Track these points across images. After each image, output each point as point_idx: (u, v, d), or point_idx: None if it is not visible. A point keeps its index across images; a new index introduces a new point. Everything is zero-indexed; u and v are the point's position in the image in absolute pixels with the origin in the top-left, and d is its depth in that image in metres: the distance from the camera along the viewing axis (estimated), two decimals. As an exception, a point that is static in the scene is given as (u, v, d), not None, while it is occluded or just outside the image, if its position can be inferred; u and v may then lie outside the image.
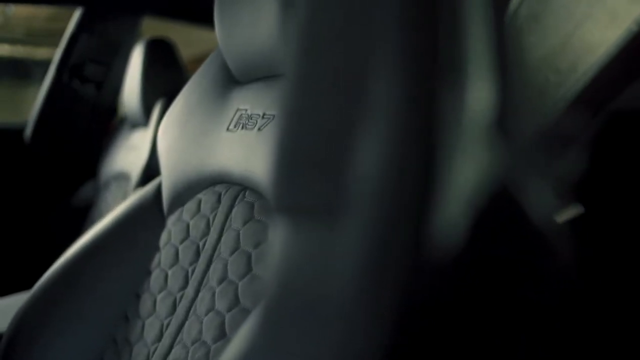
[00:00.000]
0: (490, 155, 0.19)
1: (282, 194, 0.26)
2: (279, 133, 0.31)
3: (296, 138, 0.25)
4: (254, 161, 0.52)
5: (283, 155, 0.28)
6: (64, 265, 0.62)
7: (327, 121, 0.24)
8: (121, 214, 0.67)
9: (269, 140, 0.51)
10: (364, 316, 0.20)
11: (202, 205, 0.59)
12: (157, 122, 1.19)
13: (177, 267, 0.58)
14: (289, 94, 0.31)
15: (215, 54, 0.69)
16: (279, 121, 0.40)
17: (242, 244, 0.49)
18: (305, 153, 0.24)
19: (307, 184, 0.23)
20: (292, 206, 0.25)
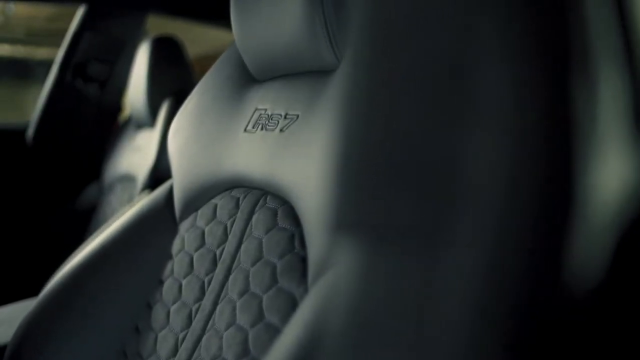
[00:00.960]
0: (633, 162, 0.15)
1: (349, 211, 0.22)
2: (338, 137, 0.28)
3: (367, 144, 0.21)
4: (277, 164, 0.49)
5: (346, 163, 0.24)
6: (71, 272, 0.59)
7: (414, 125, 0.20)
8: (130, 219, 0.63)
9: (295, 142, 0.47)
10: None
11: (218, 211, 0.56)
12: (164, 123, 1.16)
13: (191, 276, 0.55)
14: (350, 94, 0.28)
15: (229, 51, 0.65)
16: (333, 124, 0.37)
17: (265, 253, 0.46)
18: (382, 162, 0.20)
19: (388, 200, 0.20)
20: (366, 226, 0.21)
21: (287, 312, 0.41)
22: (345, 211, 0.28)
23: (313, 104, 0.48)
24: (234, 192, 0.55)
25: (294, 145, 0.47)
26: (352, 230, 0.22)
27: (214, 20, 1.41)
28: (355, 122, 0.31)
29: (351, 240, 0.24)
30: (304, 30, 0.47)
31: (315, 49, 0.48)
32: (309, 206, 0.43)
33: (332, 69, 0.48)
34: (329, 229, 0.35)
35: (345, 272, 0.23)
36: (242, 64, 0.61)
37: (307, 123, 0.47)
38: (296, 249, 0.44)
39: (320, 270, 0.39)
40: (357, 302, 0.21)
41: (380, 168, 0.20)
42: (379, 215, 0.21)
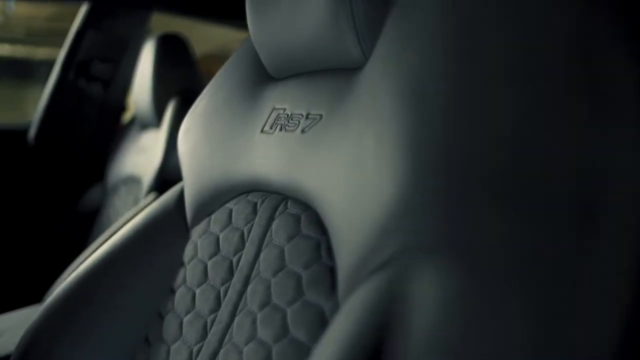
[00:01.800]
0: None
1: (428, 232, 0.20)
2: (391, 141, 0.25)
3: (448, 151, 0.19)
4: (298, 167, 0.46)
5: (419, 174, 0.22)
6: (77, 279, 0.56)
7: (520, 127, 0.17)
8: (139, 224, 0.60)
9: (318, 143, 0.44)
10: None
11: (234, 216, 0.53)
12: (171, 123, 1.13)
13: (206, 285, 0.52)
14: (399, 92, 0.25)
15: (243, 48, 0.63)
16: (370, 125, 0.34)
17: (288, 262, 0.43)
18: (478, 174, 0.17)
19: (488, 219, 0.17)
20: (454, 247, 0.19)
21: (314, 327, 0.38)
22: (421, 232, 0.25)
23: (338, 104, 0.45)
24: (250, 197, 0.53)
25: (318, 148, 0.44)
26: (432, 253, 0.20)
27: (220, 18, 1.38)
28: (420, 125, 0.28)
29: (427, 262, 0.21)
30: (327, 25, 0.45)
31: (340, 45, 0.45)
32: (336, 213, 0.40)
33: (358, 66, 0.45)
34: (383, 245, 0.33)
35: (419, 295, 0.21)
36: (257, 61, 0.59)
37: (332, 124, 0.44)
38: (323, 259, 0.41)
39: (352, 284, 0.36)
40: (440, 327, 0.18)
41: (475, 180, 0.18)
42: (474, 235, 0.18)
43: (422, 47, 0.38)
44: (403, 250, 0.32)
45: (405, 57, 0.38)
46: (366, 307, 0.31)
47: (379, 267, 0.33)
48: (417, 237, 0.31)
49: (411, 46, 0.38)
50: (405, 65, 0.38)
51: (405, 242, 0.32)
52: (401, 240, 0.32)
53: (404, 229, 0.32)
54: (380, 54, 0.42)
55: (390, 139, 0.36)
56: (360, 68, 0.44)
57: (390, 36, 0.41)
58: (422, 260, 0.30)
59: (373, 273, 0.33)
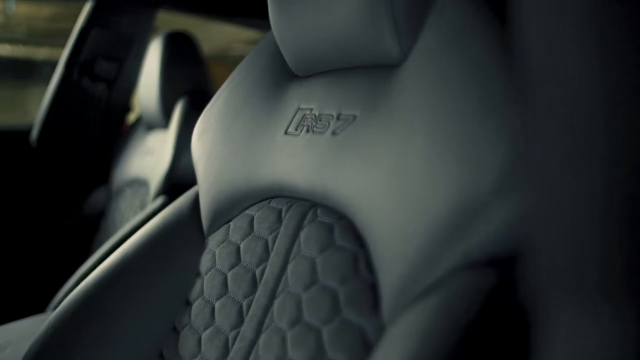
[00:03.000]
0: None
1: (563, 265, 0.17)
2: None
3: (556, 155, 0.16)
4: (329, 172, 0.43)
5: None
6: (87, 289, 0.53)
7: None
8: (152, 231, 0.57)
9: (353, 146, 0.41)
10: None
11: (256, 224, 0.49)
12: (179, 123, 1.10)
13: (226, 299, 0.48)
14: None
15: (262, 45, 0.59)
16: (418, 127, 0.31)
17: (322, 276, 0.39)
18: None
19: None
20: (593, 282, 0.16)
21: (355, 349, 0.35)
22: (487, 245, 0.23)
23: (374, 103, 0.41)
24: (273, 203, 0.49)
25: (353, 151, 0.41)
26: (574, 289, 0.16)
27: (228, 16, 1.35)
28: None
29: (494, 279, 0.18)
30: (364, 20, 0.41)
31: (377, 41, 0.42)
32: (377, 223, 0.36)
33: (396, 63, 0.42)
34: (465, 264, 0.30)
35: (489, 318, 0.18)
36: (278, 58, 0.55)
37: (369, 125, 0.41)
38: (362, 274, 0.37)
39: (401, 303, 0.32)
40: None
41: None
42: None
43: (470, 45, 0.35)
44: (465, 265, 0.29)
45: (454, 55, 0.36)
46: (423, 332, 0.27)
47: (434, 285, 0.30)
48: (483, 250, 0.28)
49: (459, 43, 0.36)
50: (456, 64, 0.35)
51: (468, 256, 0.29)
52: (462, 254, 0.29)
53: (466, 242, 0.29)
54: (425, 50, 0.39)
55: (446, 142, 0.33)
56: (399, 65, 0.41)
57: (434, 32, 0.39)
58: (488, 277, 0.27)
59: (428, 292, 0.30)
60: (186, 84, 1.17)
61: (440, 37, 0.38)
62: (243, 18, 1.37)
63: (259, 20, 1.39)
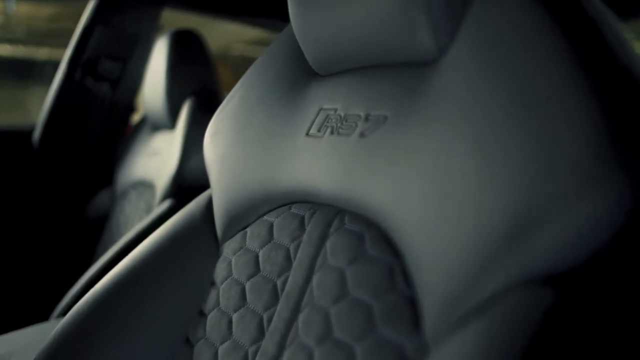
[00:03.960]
0: None
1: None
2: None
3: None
4: (358, 176, 0.40)
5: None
6: (95, 299, 0.50)
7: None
8: (162, 237, 0.55)
9: (385, 149, 0.38)
10: None
11: (276, 231, 0.47)
12: (187, 124, 1.07)
13: (245, 310, 0.45)
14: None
15: (278, 42, 0.57)
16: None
17: (352, 289, 0.37)
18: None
19: None
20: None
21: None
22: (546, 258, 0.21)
23: (408, 103, 0.39)
24: (294, 209, 0.46)
25: (385, 154, 0.38)
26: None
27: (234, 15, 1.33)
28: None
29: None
30: (395, 13, 0.39)
31: (411, 36, 0.39)
32: (414, 233, 0.34)
33: (431, 60, 0.39)
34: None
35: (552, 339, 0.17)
36: (296, 56, 0.53)
37: (402, 126, 0.38)
38: (399, 287, 0.34)
39: (445, 320, 0.30)
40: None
41: None
42: None
43: (515, 44, 0.33)
44: (522, 281, 0.26)
45: (499, 53, 0.33)
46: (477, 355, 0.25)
47: (488, 303, 0.27)
48: (544, 264, 0.26)
49: (504, 42, 0.34)
50: (501, 62, 0.33)
51: (527, 271, 0.26)
52: (519, 269, 0.27)
53: (524, 254, 0.26)
54: (465, 47, 0.36)
55: (496, 146, 0.30)
56: (434, 63, 0.38)
57: (475, 28, 0.36)
58: (550, 293, 0.24)
59: (481, 310, 0.27)
60: (193, 84, 1.15)
61: (483, 34, 0.36)
62: (250, 17, 1.35)
63: (266, 19, 1.36)
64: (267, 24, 1.45)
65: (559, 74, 0.30)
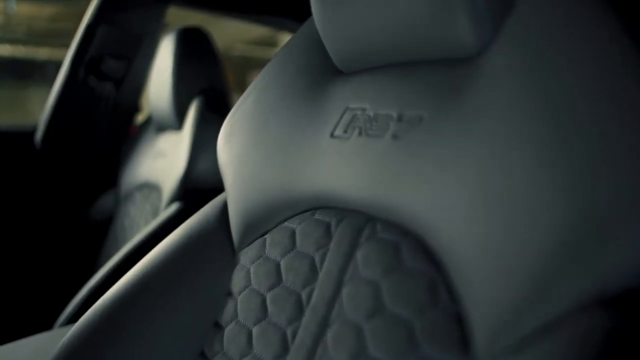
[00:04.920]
0: None
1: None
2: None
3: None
4: (391, 182, 0.37)
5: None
6: (104, 307, 0.48)
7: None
8: (175, 243, 0.52)
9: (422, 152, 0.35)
10: None
11: (299, 239, 0.44)
12: (195, 124, 1.05)
13: (266, 324, 0.43)
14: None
15: (297, 39, 0.54)
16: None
17: (389, 304, 0.34)
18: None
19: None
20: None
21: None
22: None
23: (446, 103, 0.36)
24: (319, 215, 0.43)
25: (421, 158, 0.35)
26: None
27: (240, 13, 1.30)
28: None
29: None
30: (432, 6, 0.36)
31: (448, 29, 0.36)
32: (459, 243, 0.31)
33: (471, 56, 0.36)
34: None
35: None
36: (317, 52, 0.50)
37: (441, 128, 0.35)
38: (443, 302, 0.31)
39: (502, 340, 0.27)
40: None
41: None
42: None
43: (568, 39, 0.31)
44: (593, 299, 0.24)
45: (549, 49, 0.31)
46: None
47: (555, 323, 0.25)
48: (619, 281, 0.23)
49: (554, 37, 0.32)
50: (552, 58, 0.31)
51: (598, 288, 0.24)
52: (590, 285, 0.24)
53: (595, 270, 0.24)
54: (511, 43, 0.34)
55: (551, 150, 0.28)
56: (476, 59, 0.36)
57: (522, 22, 0.34)
58: (624, 313, 0.22)
59: (547, 331, 0.25)
60: (201, 83, 1.12)
61: (530, 28, 0.33)
62: (256, 15, 1.32)
63: (273, 17, 1.34)
64: (274, 22, 1.42)
65: (618, 70, 0.28)
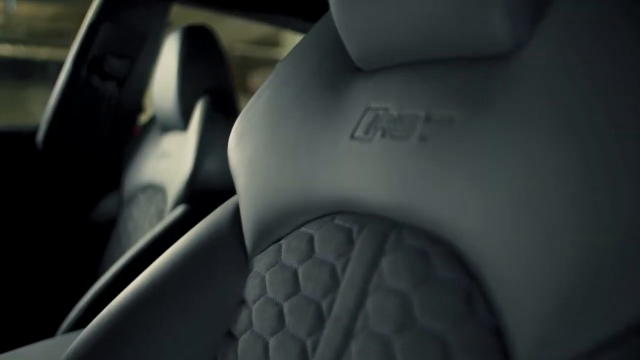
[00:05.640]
0: None
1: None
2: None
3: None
4: (419, 185, 0.35)
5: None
6: (110, 318, 0.46)
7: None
8: (185, 248, 0.51)
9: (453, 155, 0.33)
10: None
11: (318, 245, 0.42)
12: (201, 125, 1.02)
13: (284, 335, 0.40)
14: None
15: (312, 35, 0.52)
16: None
17: (420, 317, 0.32)
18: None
19: None
20: None
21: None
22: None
23: (479, 103, 0.34)
24: (338, 220, 0.41)
25: (453, 161, 0.33)
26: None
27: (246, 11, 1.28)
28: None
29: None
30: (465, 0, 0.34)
31: (481, 24, 0.34)
32: (496, 252, 0.29)
33: (506, 53, 0.34)
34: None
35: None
36: (333, 50, 0.48)
37: (473, 129, 0.33)
38: (479, 315, 0.29)
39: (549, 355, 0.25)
40: None
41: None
42: None
43: (614, 37, 0.29)
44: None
45: (591, 46, 0.29)
46: None
47: (611, 342, 0.22)
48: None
49: (596, 34, 0.30)
50: (595, 56, 0.29)
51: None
52: (634, 308, 0.22)
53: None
54: (549, 38, 0.32)
55: (600, 155, 0.26)
56: (511, 55, 0.34)
57: (561, 17, 0.32)
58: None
59: (600, 349, 0.23)
60: (207, 82, 1.10)
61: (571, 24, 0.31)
62: (260, 13, 1.30)
63: (277, 15, 1.32)
64: (278, 20, 1.40)
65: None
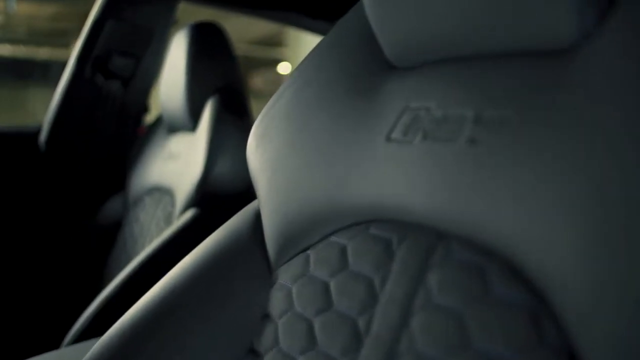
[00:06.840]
0: None
1: None
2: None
3: None
4: (470, 193, 0.32)
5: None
6: (123, 332, 0.43)
7: None
8: (203, 257, 0.48)
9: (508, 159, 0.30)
10: None
11: (352, 257, 0.38)
12: (211, 126, 1.00)
13: (316, 355, 0.37)
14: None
15: (338, 30, 0.49)
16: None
17: (478, 339, 0.28)
18: None
19: None
20: None
21: None
22: None
23: (538, 101, 0.31)
24: (374, 229, 0.38)
25: (507, 165, 0.30)
26: None
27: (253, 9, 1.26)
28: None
29: None
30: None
31: (541, 15, 0.31)
32: (563, 270, 0.26)
33: (567, 47, 0.31)
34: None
35: None
36: (363, 46, 0.46)
37: (531, 130, 0.30)
38: (548, 338, 0.26)
39: None
40: None
41: None
42: None
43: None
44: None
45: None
46: None
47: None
48: None
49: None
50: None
51: None
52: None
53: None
54: (618, 30, 0.29)
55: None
56: (573, 50, 0.31)
57: (633, 10, 0.29)
58: None
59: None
60: (216, 81, 1.07)
61: None
62: (266, 10, 1.28)
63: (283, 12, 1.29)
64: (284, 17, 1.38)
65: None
